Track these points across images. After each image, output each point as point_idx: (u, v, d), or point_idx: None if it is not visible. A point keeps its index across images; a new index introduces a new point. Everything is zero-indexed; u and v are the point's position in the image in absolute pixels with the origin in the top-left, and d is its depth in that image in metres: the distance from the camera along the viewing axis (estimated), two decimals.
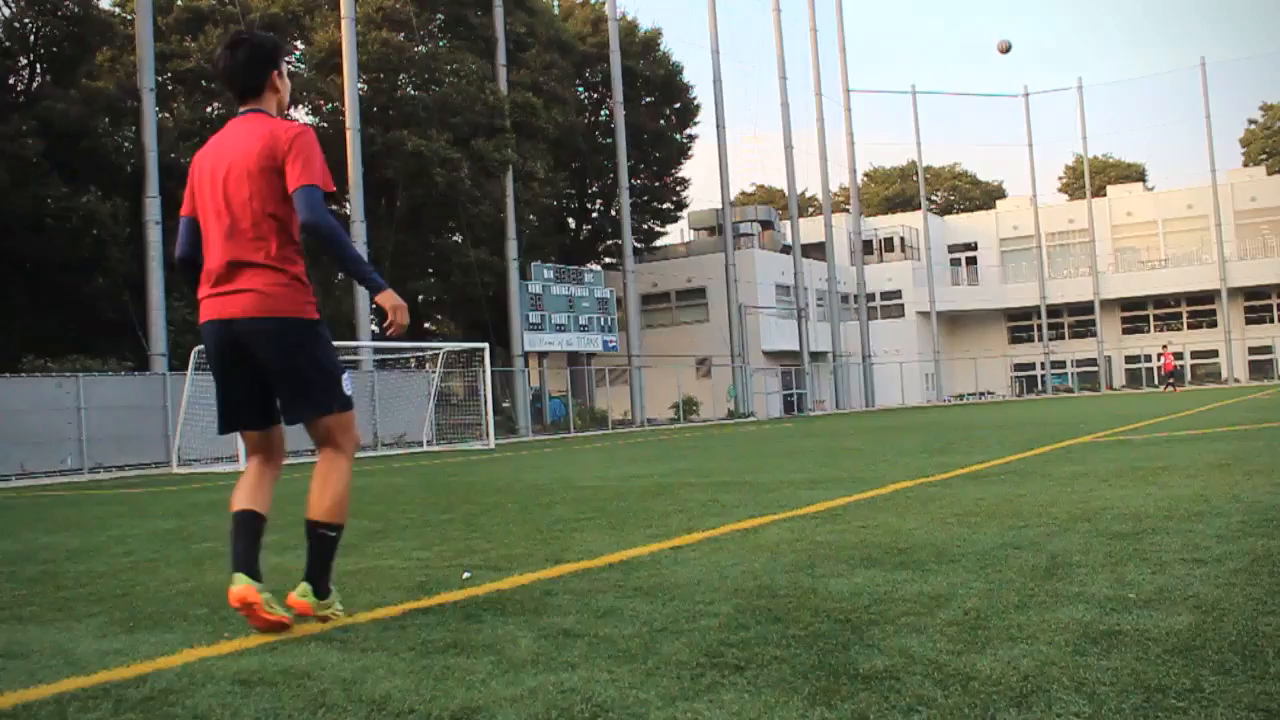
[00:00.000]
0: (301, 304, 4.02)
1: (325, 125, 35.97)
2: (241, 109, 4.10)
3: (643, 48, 48.55)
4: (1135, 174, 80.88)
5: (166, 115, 32.21)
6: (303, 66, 36.00)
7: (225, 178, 3.96)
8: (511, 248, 37.29)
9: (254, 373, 4.06)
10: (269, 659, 3.49)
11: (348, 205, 32.80)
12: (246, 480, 4.15)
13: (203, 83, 33.37)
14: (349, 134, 31.14)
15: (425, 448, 27.73)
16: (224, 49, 4.10)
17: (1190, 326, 61.80)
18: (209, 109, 34.25)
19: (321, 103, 35.82)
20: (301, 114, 37.26)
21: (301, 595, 3.97)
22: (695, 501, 8.14)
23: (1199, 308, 61.63)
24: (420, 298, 42.29)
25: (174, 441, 22.85)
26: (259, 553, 3.98)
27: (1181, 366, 56.70)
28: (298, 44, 36.50)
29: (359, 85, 32.81)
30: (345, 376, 4.15)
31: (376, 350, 30.21)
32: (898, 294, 63.28)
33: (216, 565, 5.97)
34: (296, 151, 3.90)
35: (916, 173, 68.79)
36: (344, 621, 4.09)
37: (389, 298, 4.04)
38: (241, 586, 3.82)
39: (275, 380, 4.06)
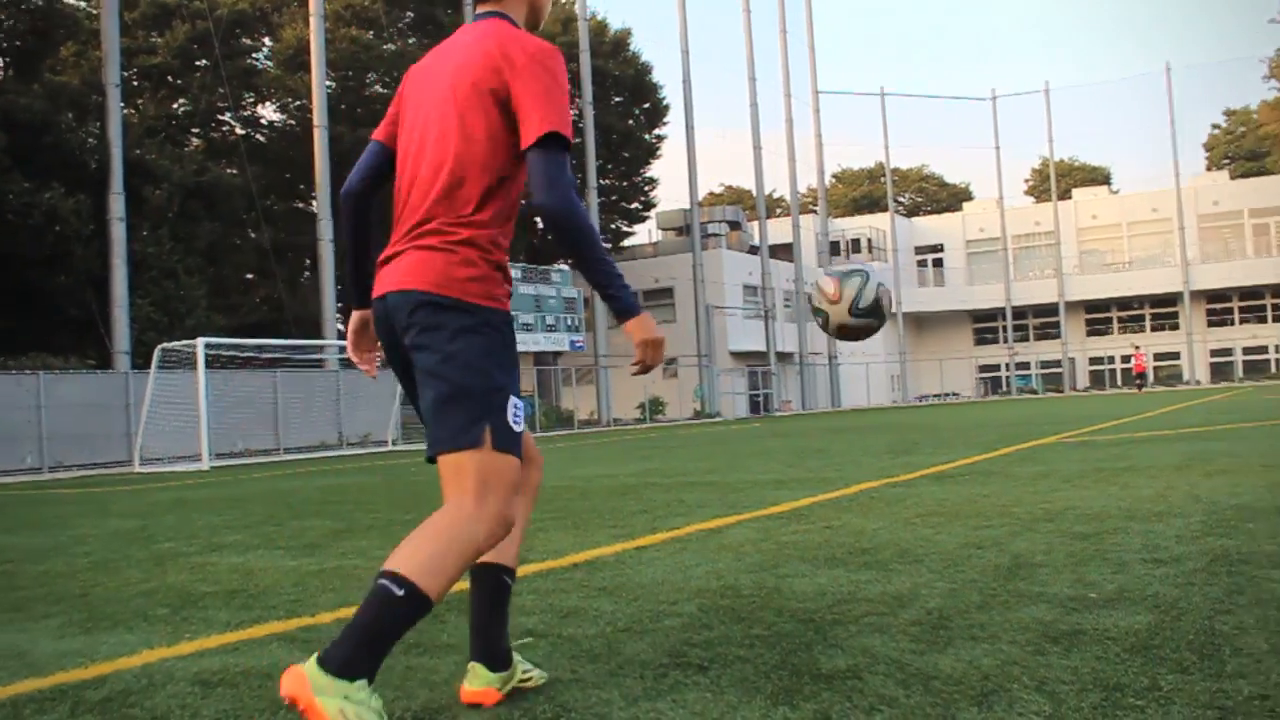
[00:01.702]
0: (471, 283, 2.69)
1: (292, 123, 35.80)
2: (478, 10, 2.88)
3: (612, 47, 48.56)
4: (1101, 177, 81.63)
5: (132, 111, 31.99)
6: (270, 63, 35.83)
7: (440, 95, 2.76)
8: None
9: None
10: (230, 660, 3.47)
11: (315, 204, 32.64)
12: None
13: (169, 79, 33.12)
14: (317, 132, 30.99)
15: (390, 447, 27.63)
16: None
17: (1153, 328, 62.37)
18: (175, 105, 34.00)
19: (289, 100, 35.61)
20: (268, 111, 37.09)
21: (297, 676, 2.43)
22: (660, 501, 8.13)
23: (1162, 310, 62.23)
24: None
25: (136, 440, 22.67)
26: (502, 627, 2.93)
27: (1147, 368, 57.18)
28: (265, 40, 36.29)
29: (327, 83, 32.64)
30: (514, 402, 2.71)
31: (342, 349, 30.01)
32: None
33: (178, 565, 5.93)
34: (532, 77, 2.64)
35: (884, 174, 69.12)
36: (307, 622, 4.06)
37: (643, 327, 2.69)
38: (477, 688, 2.83)
39: (417, 374, 2.72)
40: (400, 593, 2.45)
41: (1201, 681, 2.62)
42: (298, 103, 35.17)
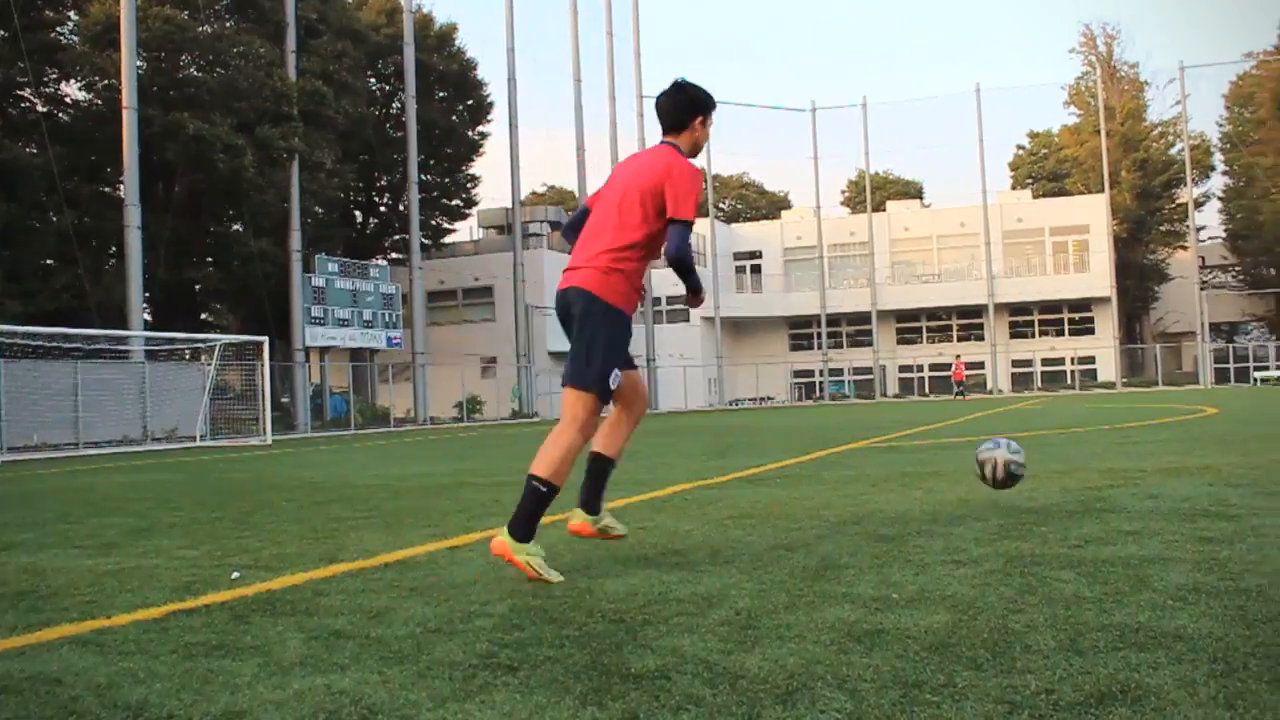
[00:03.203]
0: (616, 293, 4.66)
1: (99, 103, 34.34)
2: (663, 139, 4.92)
3: (438, 42, 48.05)
4: (913, 191, 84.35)
5: None
6: (76, 39, 34.28)
7: (625, 185, 4.75)
8: (295, 239, 36.38)
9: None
10: (14, 665, 3.30)
11: (122, 188, 31.41)
12: (605, 423, 4.93)
13: None
14: (125, 114, 29.82)
15: (198, 443, 26.80)
16: (670, 88, 4.93)
17: (960, 339, 64.69)
18: None
19: (96, 79, 34.14)
20: (73, 89, 35.46)
21: (499, 537, 4.57)
22: (475, 501, 8.09)
23: (968, 321, 64.63)
24: (198, 287, 40.82)
25: None
26: (602, 491, 4.94)
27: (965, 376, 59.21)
28: (71, 14, 34.72)
29: (138, 63, 31.45)
30: (615, 372, 4.68)
31: (149, 340, 29.04)
32: (683, 299, 64.24)
33: None
34: (677, 185, 4.63)
35: (705, 180, 69.98)
36: (102, 624, 3.91)
37: (698, 296, 5.05)
38: (577, 521, 4.93)
39: (572, 339, 4.73)
40: (544, 489, 4.55)
41: (994, 677, 2.72)
42: (105, 82, 33.69)
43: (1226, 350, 62.70)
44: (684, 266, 4.68)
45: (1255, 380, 56.74)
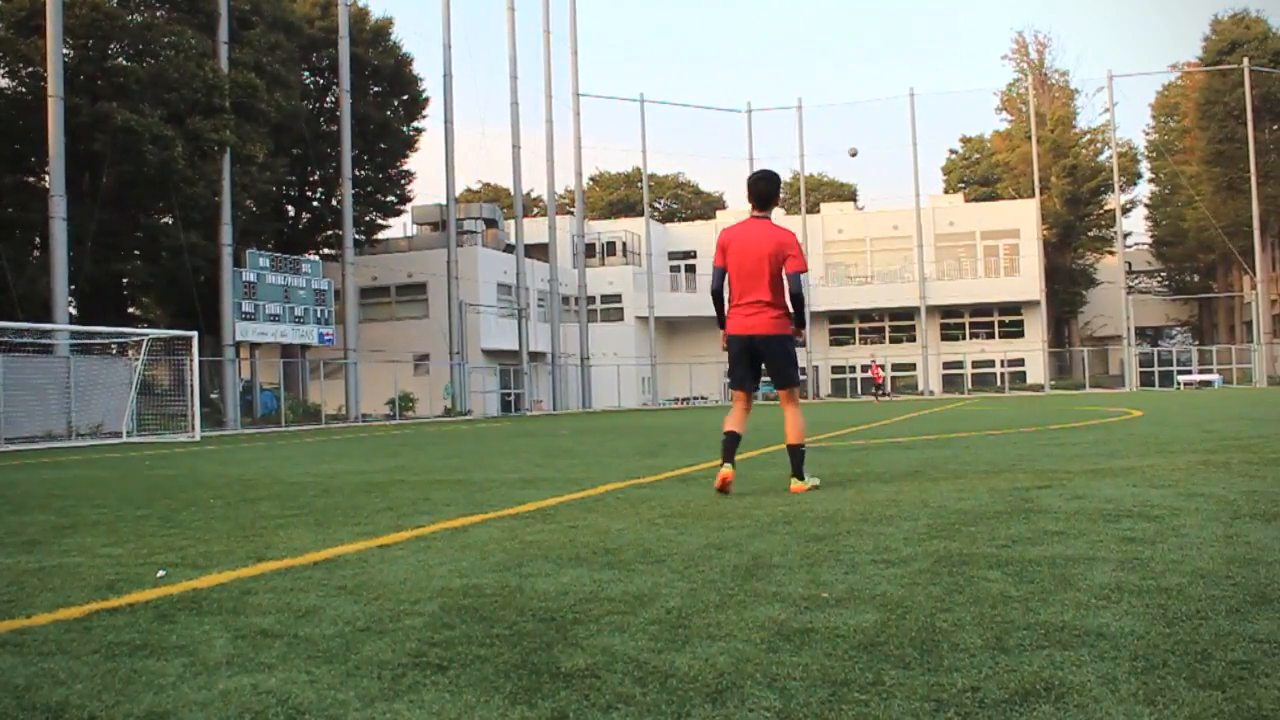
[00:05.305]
0: (786, 326, 7.51)
1: (24, 91, 33.66)
2: (755, 214, 7.53)
3: (373, 36, 47.70)
4: (847, 193, 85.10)
5: None
6: None
7: (751, 252, 7.41)
8: (226, 233, 35.93)
9: (753, 360, 7.61)
10: None
11: (47, 179, 30.83)
12: (736, 415, 7.81)
13: None
14: (51, 102, 29.29)
15: (125, 439, 26.37)
16: (761, 177, 7.53)
17: (892, 340, 65.37)
18: None
19: (21, 66, 33.45)
20: None
21: (793, 481, 7.57)
22: (406, 499, 8.03)
23: (900, 323, 65.31)
24: (125, 281, 40.17)
25: None
26: (735, 452, 7.60)
27: (884, 379, 59.76)
28: None
29: (64, 50, 30.87)
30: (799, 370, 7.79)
31: (74, 334, 28.54)
32: (618, 298, 64.29)
33: None
34: (793, 250, 7.45)
35: (641, 179, 70.07)
36: (21, 624, 3.84)
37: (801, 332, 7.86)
38: (726, 469, 7.40)
39: (768, 364, 7.66)
40: (802, 448, 7.68)
41: (921, 675, 2.74)
42: (30, 69, 33.07)
43: (1151, 354, 63.87)
44: (798, 300, 7.45)
45: (1178, 384, 57.83)
